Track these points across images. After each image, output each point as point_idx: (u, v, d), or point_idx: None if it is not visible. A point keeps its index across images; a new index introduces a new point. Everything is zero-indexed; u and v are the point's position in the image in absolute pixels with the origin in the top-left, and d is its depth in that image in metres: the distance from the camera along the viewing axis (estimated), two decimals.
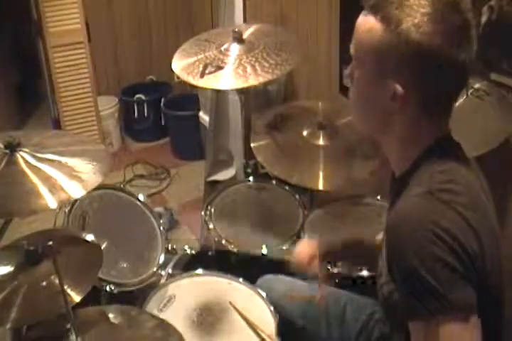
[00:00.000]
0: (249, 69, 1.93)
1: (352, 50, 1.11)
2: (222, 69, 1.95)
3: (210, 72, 1.95)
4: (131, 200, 2.05)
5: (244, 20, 2.96)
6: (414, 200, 1.04)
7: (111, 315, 1.60)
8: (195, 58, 2.04)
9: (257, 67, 1.93)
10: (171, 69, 2.04)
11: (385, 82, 1.06)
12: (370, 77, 1.09)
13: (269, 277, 1.80)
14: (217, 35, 2.18)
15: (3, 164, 1.48)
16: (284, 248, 1.57)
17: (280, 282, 1.77)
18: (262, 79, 1.90)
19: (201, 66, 1.97)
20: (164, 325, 1.57)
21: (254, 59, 1.97)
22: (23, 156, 1.50)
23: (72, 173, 1.49)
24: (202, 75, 1.94)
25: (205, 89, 2.83)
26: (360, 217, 2.06)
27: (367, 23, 1.06)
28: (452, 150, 1.13)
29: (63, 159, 1.53)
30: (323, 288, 1.56)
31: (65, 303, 1.39)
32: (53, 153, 1.55)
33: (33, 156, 1.51)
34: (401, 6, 1.01)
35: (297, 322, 1.61)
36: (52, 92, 3.40)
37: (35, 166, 1.48)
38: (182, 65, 2.03)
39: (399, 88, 1.04)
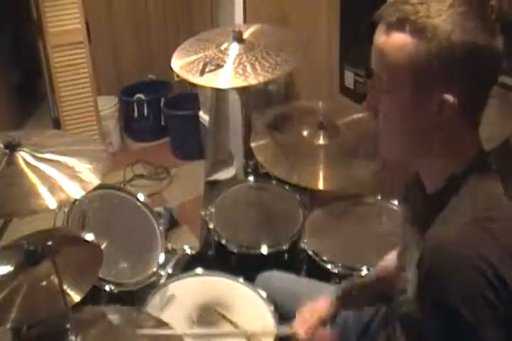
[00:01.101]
0: (249, 68, 1.93)
1: (383, 75, 1.04)
2: (221, 67, 1.95)
3: (210, 71, 1.94)
4: (131, 200, 2.05)
5: (244, 21, 2.95)
6: (459, 229, 0.98)
7: (110, 315, 1.60)
8: (194, 57, 2.03)
9: (257, 67, 1.93)
10: (171, 69, 2.04)
11: (429, 95, 1.00)
12: (410, 96, 1.02)
13: (268, 274, 1.80)
14: (217, 34, 2.18)
15: (2, 164, 1.48)
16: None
17: (279, 279, 1.77)
18: (261, 79, 1.89)
19: (201, 64, 1.97)
20: (163, 325, 1.57)
21: (254, 58, 1.97)
22: (22, 156, 1.49)
23: (71, 173, 1.49)
24: (201, 73, 1.93)
25: (205, 87, 2.83)
26: (360, 216, 2.06)
27: (394, 41, 1.00)
28: (489, 161, 1.08)
29: (63, 159, 1.53)
30: None
31: (64, 303, 1.39)
32: (53, 152, 1.55)
33: (33, 156, 1.50)
34: (429, 12, 0.97)
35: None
36: (52, 92, 3.40)
37: (35, 166, 1.48)
38: (181, 63, 2.03)
39: (449, 97, 0.99)
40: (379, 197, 2.11)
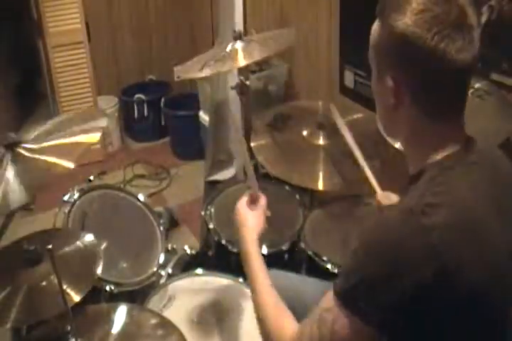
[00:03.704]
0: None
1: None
2: (221, 61, 1.95)
3: (210, 66, 1.95)
4: (131, 200, 2.05)
5: (244, 21, 2.96)
6: (394, 215, 1.03)
7: (113, 313, 1.60)
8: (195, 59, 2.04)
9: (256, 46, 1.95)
10: (171, 68, 2.04)
11: (383, 76, 1.08)
12: (374, 74, 1.12)
13: (271, 273, 1.80)
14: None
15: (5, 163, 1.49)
16: None
17: (283, 278, 1.77)
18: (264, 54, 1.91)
19: (201, 65, 1.98)
20: (165, 324, 1.57)
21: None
22: (23, 149, 1.51)
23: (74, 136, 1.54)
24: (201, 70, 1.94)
25: (205, 80, 2.82)
26: (360, 216, 2.05)
27: (373, 26, 1.10)
28: (470, 159, 1.08)
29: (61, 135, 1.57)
30: None
31: (64, 303, 1.39)
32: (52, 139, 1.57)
33: (32, 149, 1.52)
34: (398, 4, 1.04)
35: (300, 319, 1.60)
36: (52, 92, 3.40)
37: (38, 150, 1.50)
38: (183, 69, 2.04)
39: (390, 81, 1.06)
40: None
